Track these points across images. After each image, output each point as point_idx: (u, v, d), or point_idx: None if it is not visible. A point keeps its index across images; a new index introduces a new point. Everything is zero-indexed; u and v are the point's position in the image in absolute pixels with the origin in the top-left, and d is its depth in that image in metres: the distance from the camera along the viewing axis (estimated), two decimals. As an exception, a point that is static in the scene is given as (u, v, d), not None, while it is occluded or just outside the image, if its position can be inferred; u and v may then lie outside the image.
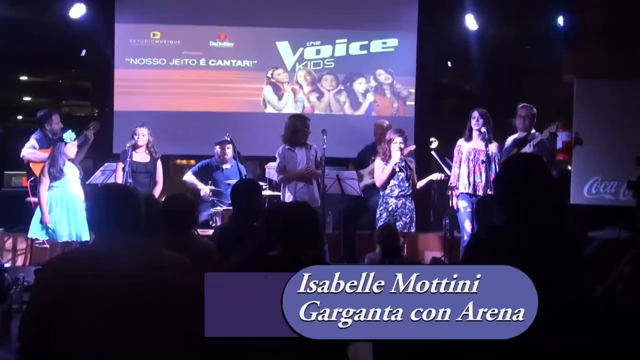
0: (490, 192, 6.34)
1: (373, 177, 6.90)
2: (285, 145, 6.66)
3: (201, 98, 8.87)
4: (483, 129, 6.46)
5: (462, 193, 6.57)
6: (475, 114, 6.54)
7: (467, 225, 6.51)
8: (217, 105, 8.89)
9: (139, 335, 2.36)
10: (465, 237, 6.42)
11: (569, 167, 7.78)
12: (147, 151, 7.01)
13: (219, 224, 6.62)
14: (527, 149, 6.56)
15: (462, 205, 6.55)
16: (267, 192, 7.04)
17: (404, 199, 6.55)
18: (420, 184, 6.72)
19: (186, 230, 3.80)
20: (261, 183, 6.18)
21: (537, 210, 2.45)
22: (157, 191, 6.95)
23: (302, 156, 6.63)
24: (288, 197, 6.63)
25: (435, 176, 6.72)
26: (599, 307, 2.14)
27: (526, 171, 2.55)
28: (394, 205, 6.53)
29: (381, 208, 6.57)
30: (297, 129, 6.58)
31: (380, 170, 6.60)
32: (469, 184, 6.51)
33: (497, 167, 6.50)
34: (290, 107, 8.97)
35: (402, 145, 6.50)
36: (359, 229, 7.62)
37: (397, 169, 6.53)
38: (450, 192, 6.65)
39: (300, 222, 2.99)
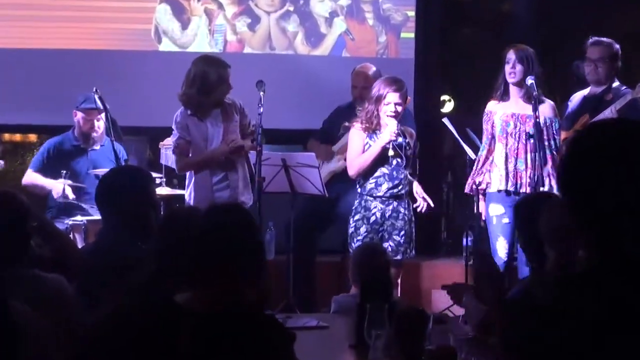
0: (542, 189, 6.37)
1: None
2: (185, 110, 6.73)
3: (48, 27, 8.79)
4: (530, 80, 6.46)
5: (493, 191, 6.58)
6: (511, 55, 6.56)
7: (502, 247, 6.45)
8: (77, 40, 8.82)
9: None
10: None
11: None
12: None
13: (79, 245, 6.57)
14: (607, 113, 6.61)
15: (495, 212, 6.52)
16: (163, 191, 7.02)
17: (396, 203, 6.56)
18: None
19: (14, 259, 3.77)
20: (154, 175, 6.13)
21: None
22: None
23: (218, 133, 6.72)
24: (197, 199, 6.63)
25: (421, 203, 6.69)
26: None
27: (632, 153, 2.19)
28: (379, 214, 6.53)
29: (357, 217, 6.56)
30: (210, 82, 6.63)
31: (358, 146, 6.56)
32: (506, 175, 6.55)
33: (556, 144, 6.58)
34: (203, 42, 8.96)
35: (400, 108, 6.51)
36: (321, 254, 7.61)
37: (391, 150, 6.52)
38: (473, 188, 6.69)
39: (231, 243, 2.92)
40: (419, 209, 6.70)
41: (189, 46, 8.94)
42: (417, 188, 6.75)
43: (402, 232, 6.54)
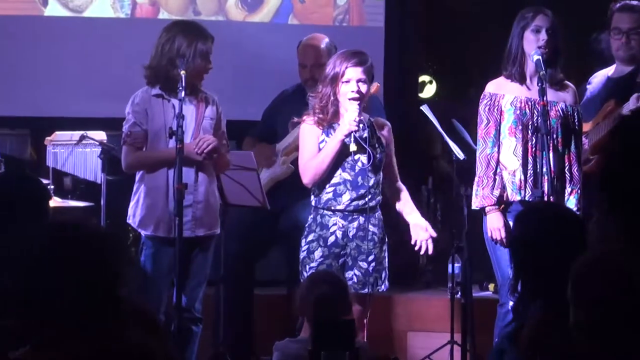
0: (550, 198, 6.49)
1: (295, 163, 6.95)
2: (149, 89, 6.84)
3: None
4: (537, 56, 6.57)
5: (511, 203, 6.62)
6: (541, 21, 6.62)
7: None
8: None
9: None
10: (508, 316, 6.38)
11: None
12: None
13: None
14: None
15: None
16: (51, 202, 6.93)
17: (363, 218, 6.57)
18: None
19: None
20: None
21: None
22: None
23: (186, 115, 6.72)
24: (148, 206, 6.77)
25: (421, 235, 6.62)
26: None
27: None
28: (340, 233, 6.55)
29: (311, 237, 6.59)
30: (181, 55, 6.70)
31: (311, 146, 6.61)
32: (524, 181, 6.60)
33: (578, 138, 6.69)
34: (103, 4, 9.06)
35: (365, 88, 6.48)
36: (261, 285, 7.74)
37: (353, 145, 6.48)
38: (489, 201, 6.62)
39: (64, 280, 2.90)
40: (419, 249, 6.66)
41: (84, 10, 9.04)
42: (413, 215, 6.70)
43: (371, 258, 6.56)
